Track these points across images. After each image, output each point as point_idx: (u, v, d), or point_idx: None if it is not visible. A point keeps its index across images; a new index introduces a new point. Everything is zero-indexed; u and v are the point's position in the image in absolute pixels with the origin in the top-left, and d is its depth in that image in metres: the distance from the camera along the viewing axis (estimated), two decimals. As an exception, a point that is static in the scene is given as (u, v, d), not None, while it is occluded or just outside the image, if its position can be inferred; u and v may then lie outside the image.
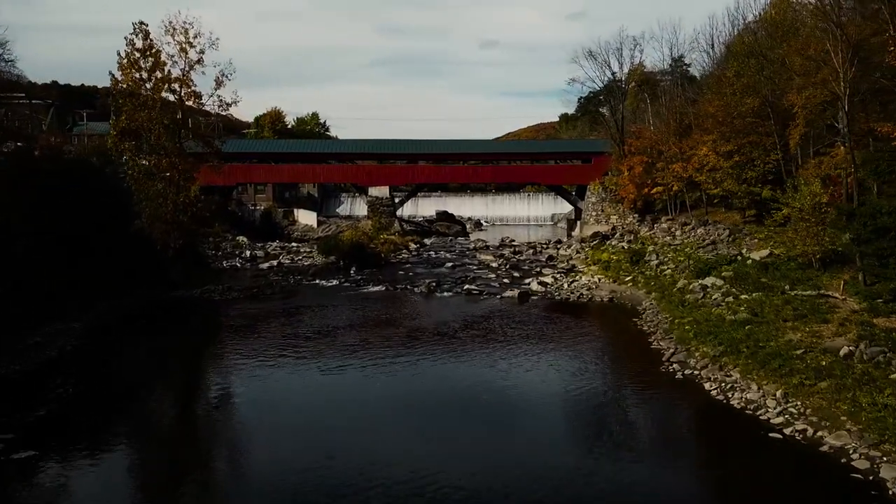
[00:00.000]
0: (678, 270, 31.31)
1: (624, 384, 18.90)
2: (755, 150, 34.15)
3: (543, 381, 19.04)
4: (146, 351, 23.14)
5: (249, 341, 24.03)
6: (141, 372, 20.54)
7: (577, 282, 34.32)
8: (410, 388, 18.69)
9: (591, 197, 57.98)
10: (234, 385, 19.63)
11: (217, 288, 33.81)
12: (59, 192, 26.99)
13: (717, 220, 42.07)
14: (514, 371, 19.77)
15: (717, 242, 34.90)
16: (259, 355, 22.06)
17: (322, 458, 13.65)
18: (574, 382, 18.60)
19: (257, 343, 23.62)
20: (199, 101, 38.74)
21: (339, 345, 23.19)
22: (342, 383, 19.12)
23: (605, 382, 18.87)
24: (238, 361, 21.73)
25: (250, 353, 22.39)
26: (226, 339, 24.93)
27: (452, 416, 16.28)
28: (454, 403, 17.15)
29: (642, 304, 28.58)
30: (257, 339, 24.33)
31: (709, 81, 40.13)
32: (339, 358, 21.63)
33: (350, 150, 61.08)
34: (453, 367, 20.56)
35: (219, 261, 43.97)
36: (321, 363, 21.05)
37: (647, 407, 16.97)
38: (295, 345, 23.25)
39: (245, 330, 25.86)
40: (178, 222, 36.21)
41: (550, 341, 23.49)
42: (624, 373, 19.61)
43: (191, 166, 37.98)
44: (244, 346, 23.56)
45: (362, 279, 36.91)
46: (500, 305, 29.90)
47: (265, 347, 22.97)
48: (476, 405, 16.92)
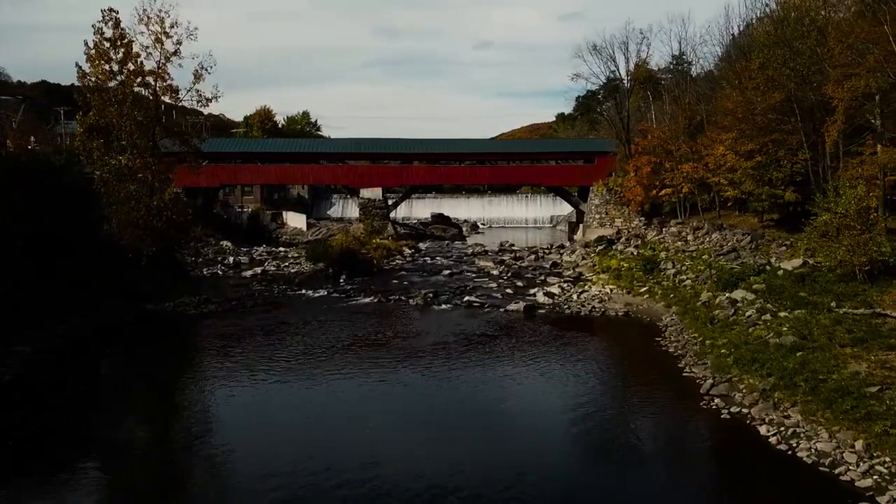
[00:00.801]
0: (699, 281, 28.50)
1: (662, 426, 15.98)
2: (781, 150, 31.37)
3: (567, 423, 16.14)
4: (93, 383, 20.17)
5: (217, 369, 20.99)
6: (83, 410, 17.55)
7: (586, 292, 31.47)
8: (406, 434, 15.77)
9: (594, 199, 55.19)
10: (194, 429, 16.66)
11: (193, 300, 30.82)
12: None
13: (731, 224, 39.39)
14: (528, 411, 16.89)
15: (739, 249, 32.10)
16: (226, 387, 19.14)
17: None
18: (603, 426, 15.72)
19: (226, 371, 20.59)
20: (176, 95, 35.76)
21: (320, 375, 20.19)
22: (322, 429, 16.16)
23: (639, 425, 15.89)
24: (200, 396, 18.82)
25: (215, 385, 19.47)
26: (191, 367, 21.88)
27: (458, 470, 13.38)
28: (460, 458, 14.24)
29: (662, 320, 25.75)
30: (227, 365, 21.27)
31: (727, 75, 37.32)
32: (321, 392, 18.69)
33: (341, 150, 58.05)
34: (456, 404, 17.63)
35: (199, 268, 40.94)
36: (299, 399, 18.10)
37: (694, 458, 14.10)
38: (270, 374, 20.26)
39: (215, 353, 22.85)
40: (152, 227, 33.17)
41: (567, 367, 20.61)
42: (659, 410, 16.73)
43: (166, 167, 35.01)
44: (211, 374, 20.61)
45: (352, 289, 33.96)
46: (505, 320, 27.02)
47: (235, 377, 19.97)
48: (485, 460, 14.02)
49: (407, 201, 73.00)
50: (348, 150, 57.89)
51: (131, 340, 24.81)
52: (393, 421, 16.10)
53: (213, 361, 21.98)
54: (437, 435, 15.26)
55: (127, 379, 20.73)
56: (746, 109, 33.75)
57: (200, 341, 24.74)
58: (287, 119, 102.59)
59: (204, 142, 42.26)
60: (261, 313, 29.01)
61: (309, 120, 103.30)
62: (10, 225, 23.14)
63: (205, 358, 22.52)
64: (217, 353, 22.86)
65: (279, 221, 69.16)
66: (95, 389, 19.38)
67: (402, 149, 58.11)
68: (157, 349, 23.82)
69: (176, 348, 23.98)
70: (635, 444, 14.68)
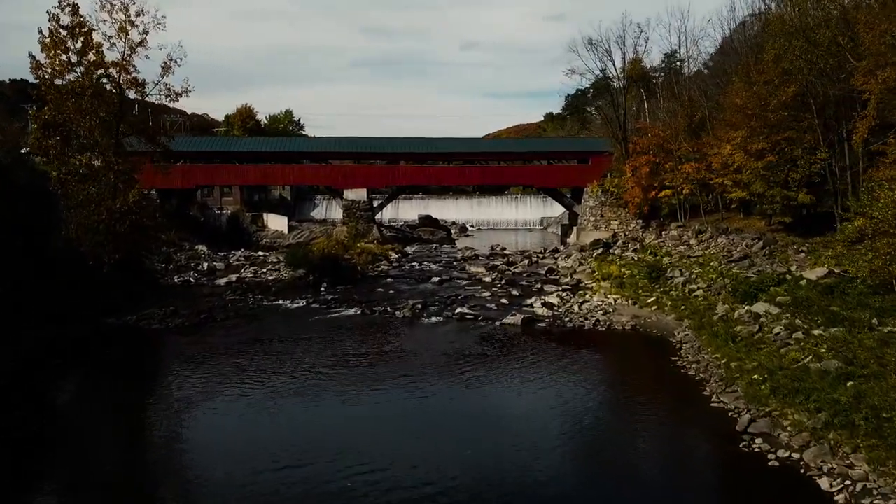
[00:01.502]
0: (712, 291, 26.15)
1: (699, 475, 13.44)
2: (797, 149, 29.12)
3: (583, 470, 13.66)
4: (25, 419, 17.43)
5: (173, 397, 18.35)
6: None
7: (588, 303, 29.04)
8: (395, 473, 13.20)
9: (588, 200, 52.89)
10: (133, 475, 14.01)
11: (159, 312, 28.07)
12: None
13: (737, 227, 37.20)
14: (533, 454, 14.37)
15: (751, 256, 29.81)
16: (182, 420, 16.51)
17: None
18: (628, 475, 13.25)
19: (183, 401, 17.93)
20: (142, 89, 32.98)
21: (292, 405, 17.60)
22: (293, 472, 13.55)
23: (672, 474, 13.38)
24: (150, 432, 16.18)
25: (169, 418, 16.84)
26: (143, 395, 19.07)
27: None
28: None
29: (675, 335, 23.35)
30: (185, 394, 18.60)
31: (736, 68, 35.06)
32: (292, 426, 16.09)
33: (323, 149, 55.28)
34: (449, 442, 15.08)
35: (170, 276, 38.11)
36: (266, 436, 15.47)
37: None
38: (234, 404, 17.64)
39: (173, 378, 20.11)
40: (115, 233, 30.41)
41: (575, 396, 18.11)
42: (691, 453, 14.28)
43: (132, 166, 32.22)
44: (165, 404, 17.99)
45: (334, 299, 31.32)
46: (501, 336, 24.52)
47: (192, 409, 17.35)
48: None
49: (393, 202, 70.37)
50: (331, 150, 55.17)
51: (77, 361, 22.05)
52: (380, 454, 13.54)
53: (170, 388, 19.30)
54: (424, 476, 12.70)
55: (66, 412, 18.01)
56: (757, 105, 31.51)
57: (160, 362, 22.07)
58: (269, 118, 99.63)
59: (172, 140, 39.37)
60: (232, 328, 26.32)
61: (292, 119, 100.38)
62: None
63: (161, 384, 19.81)
64: (176, 377, 20.14)
65: (259, 224, 66.33)
66: (27, 427, 16.66)
67: (388, 148, 55.51)
68: (108, 373, 21.02)
69: (130, 372, 21.17)
70: (670, 501, 12.21)
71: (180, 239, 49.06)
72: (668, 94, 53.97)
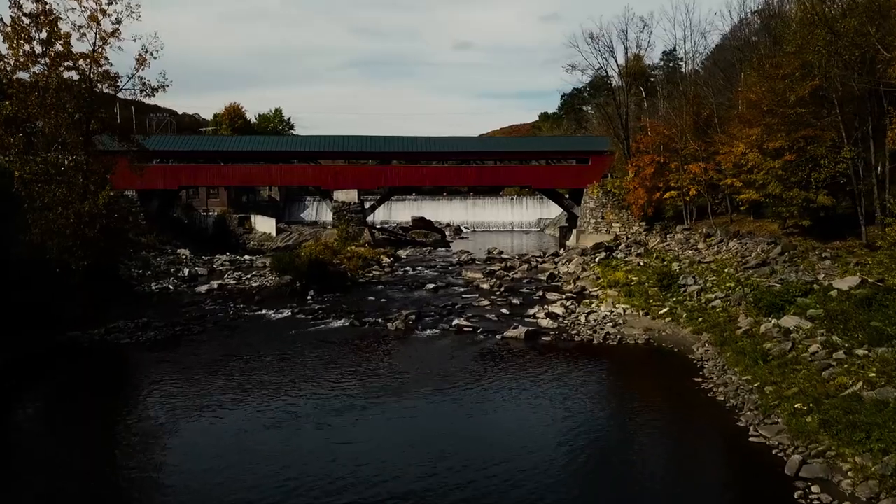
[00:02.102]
0: (732, 302, 24.06)
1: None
2: (820, 147, 27.09)
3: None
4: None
5: (132, 427, 16.15)
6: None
7: (595, 313, 26.90)
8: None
9: (588, 202, 50.80)
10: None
11: (129, 325, 25.85)
12: None
13: (749, 231, 35.22)
14: (545, 492, 12.22)
15: (769, 262, 27.75)
16: (140, 455, 14.28)
17: None
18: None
19: (142, 433, 15.75)
20: (115, 83, 30.70)
21: (267, 437, 15.39)
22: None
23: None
24: (101, 476, 13.93)
25: (126, 451, 14.61)
26: (97, 424, 16.77)
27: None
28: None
29: (694, 352, 21.24)
30: (147, 422, 16.42)
31: (750, 62, 33.02)
32: (267, 463, 13.86)
33: (312, 149, 52.92)
34: (448, 482, 12.90)
35: (147, 283, 35.77)
36: (235, 477, 13.25)
37: None
38: (203, 438, 15.42)
39: (135, 404, 17.88)
40: (84, 237, 28.07)
41: (590, 423, 15.96)
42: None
43: (103, 166, 29.92)
44: (124, 434, 15.74)
45: (321, 309, 29.10)
46: (503, 351, 22.37)
47: (152, 441, 15.14)
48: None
49: (386, 204, 68.26)
50: (320, 149, 52.84)
51: (32, 384, 19.76)
52: (370, 494, 11.38)
53: (133, 416, 17.02)
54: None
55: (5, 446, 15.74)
56: (773, 101, 29.48)
57: (124, 385, 19.79)
58: (259, 117, 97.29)
59: (147, 138, 37.05)
60: (208, 343, 24.06)
61: (282, 118, 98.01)
62: None
63: (124, 411, 17.48)
64: (141, 402, 17.89)
65: (247, 226, 64.08)
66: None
67: (379, 147, 53.26)
68: (62, 398, 18.71)
69: (88, 397, 18.84)
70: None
71: (161, 242, 46.80)
72: (670, 91, 52.03)
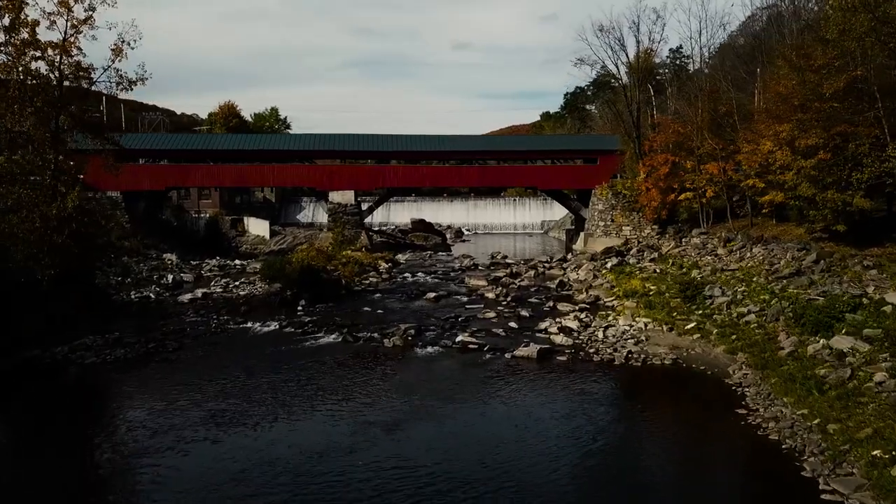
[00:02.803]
0: (768, 317, 21.54)
1: None
2: (862, 145, 24.61)
3: None
4: None
5: (86, 474, 13.63)
6: None
7: (613, 327, 24.42)
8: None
9: (597, 204, 48.33)
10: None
11: (97, 341, 23.34)
12: None
13: (773, 235, 32.75)
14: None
15: (804, 271, 25.26)
16: None
17: None
18: None
19: (97, 483, 13.23)
20: (88, 75, 28.21)
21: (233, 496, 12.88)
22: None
23: None
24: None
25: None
26: (44, 468, 14.23)
27: None
28: None
29: (731, 375, 18.74)
30: (106, 465, 13.90)
31: (782, 51, 30.51)
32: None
33: (307, 147, 50.34)
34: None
35: (126, 291, 33.22)
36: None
37: None
38: (166, 481, 12.91)
39: (95, 439, 15.34)
40: (51, 243, 25.56)
41: (620, 471, 13.47)
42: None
43: (74, 166, 27.44)
44: (73, 482, 13.19)
45: (312, 322, 26.60)
46: (514, 373, 19.86)
47: (107, 485, 12.64)
48: None
49: (384, 205, 65.73)
50: (315, 148, 50.24)
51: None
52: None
53: (90, 453, 14.52)
54: None
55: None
56: (804, 95, 27.02)
57: (84, 414, 17.19)
58: (254, 116, 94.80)
59: (122, 136, 34.58)
60: (182, 361, 21.54)
61: (278, 117, 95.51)
62: None
63: (79, 447, 14.97)
64: (102, 436, 15.35)
65: (239, 228, 61.54)
66: None
67: (378, 146, 50.71)
68: (10, 431, 16.21)
69: (41, 430, 16.33)
70: None
71: (146, 247, 44.26)
72: (682, 86, 49.58)
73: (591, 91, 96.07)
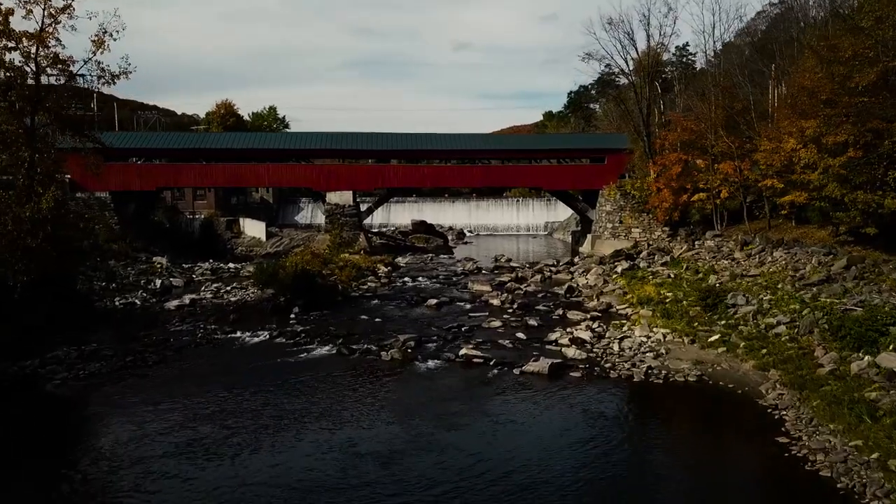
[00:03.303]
0: (801, 329, 19.72)
1: None
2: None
3: None
4: None
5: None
6: None
7: (629, 338, 22.61)
8: None
9: (605, 204, 46.53)
10: None
11: (71, 354, 21.59)
12: None
13: (793, 238, 31.06)
14: None
15: (835, 278, 23.45)
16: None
17: None
18: None
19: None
20: (67, 68, 26.46)
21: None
22: None
23: None
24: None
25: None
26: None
27: None
28: None
29: (764, 395, 16.93)
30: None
31: (809, 42, 28.73)
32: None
33: (303, 146, 48.55)
34: None
35: (110, 297, 31.40)
36: None
37: None
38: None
39: (59, 473, 13.55)
40: (25, 248, 23.77)
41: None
42: None
43: (51, 166, 25.67)
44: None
45: (305, 332, 24.82)
46: (524, 392, 18.06)
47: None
48: None
49: (384, 206, 64.00)
50: (312, 146, 48.40)
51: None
52: None
53: (31, 489, 12.73)
54: None
55: None
56: (835, 89, 25.25)
57: (38, 444, 15.32)
58: (252, 115, 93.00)
59: (101, 133, 32.80)
60: (161, 377, 19.75)
61: (276, 116, 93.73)
62: None
63: (38, 484, 13.18)
64: (51, 467, 13.54)
65: (235, 230, 59.82)
66: None
67: (377, 145, 48.91)
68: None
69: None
70: None
71: (136, 249, 42.45)
72: (694, 82, 47.82)
73: (595, 90, 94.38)
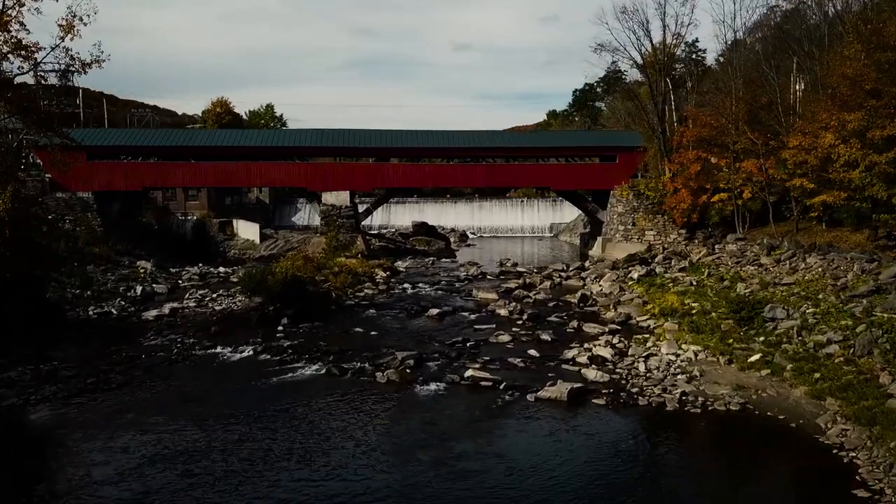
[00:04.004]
0: (858, 349, 17.19)
1: None
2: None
3: None
4: None
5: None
6: None
7: (656, 356, 20.10)
8: None
9: (616, 205, 44.03)
10: None
11: (26, 374, 19.13)
12: None
13: (826, 242, 28.61)
14: None
15: (885, 289, 20.89)
16: None
17: None
18: None
19: None
20: (32, 54, 24.02)
21: None
22: None
23: None
24: None
25: None
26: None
27: None
28: None
29: (824, 430, 14.41)
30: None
31: (852, 25, 26.22)
32: None
33: (297, 144, 46.03)
34: None
35: (84, 306, 28.94)
36: None
37: None
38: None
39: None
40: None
41: None
42: None
43: (11, 162, 23.25)
44: None
45: (292, 346, 22.36)
46: (540, 424, 15.58)
47: None
48: None
49: (383, 207, 61.45)
50: (307, 144, 45.87)
51: None
52: None
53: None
54: None
55: None
56: (881, 78, 22.74)
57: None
58: (249, 113, 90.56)
59: (72, 128, 30.38)
60: (124, 404, 17.24)
61: (273, 114, 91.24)
62: None
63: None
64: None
65: (228, 232, 57.25)
66: None
67: (376, 143, 46.39)
68: None
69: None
70: None
71: (119, 253, 40.02)
72: (711, 76, 45.29)
73: (601, 88, 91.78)
